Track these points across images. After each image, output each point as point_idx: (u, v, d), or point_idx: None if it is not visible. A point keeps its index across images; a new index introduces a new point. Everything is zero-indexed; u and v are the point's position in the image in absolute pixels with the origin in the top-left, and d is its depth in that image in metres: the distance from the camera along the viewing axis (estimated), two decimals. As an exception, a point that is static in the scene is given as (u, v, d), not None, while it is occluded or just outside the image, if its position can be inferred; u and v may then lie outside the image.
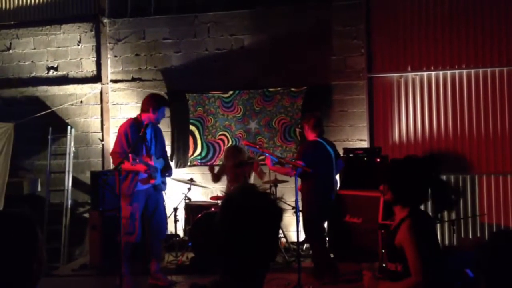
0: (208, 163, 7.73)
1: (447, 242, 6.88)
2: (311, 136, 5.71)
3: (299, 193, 5.65)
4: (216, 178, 6.94)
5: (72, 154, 7.87)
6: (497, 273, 1.68)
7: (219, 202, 6.33)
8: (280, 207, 1.69)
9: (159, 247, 5.59)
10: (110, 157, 5.82)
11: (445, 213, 7.04)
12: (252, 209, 1.60)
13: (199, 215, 6.25)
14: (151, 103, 5.30)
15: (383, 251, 3.00)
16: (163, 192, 5.56)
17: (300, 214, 5.52)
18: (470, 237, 6.86)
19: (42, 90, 8.31)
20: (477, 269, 1.82)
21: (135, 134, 5.16)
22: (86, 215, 7.71)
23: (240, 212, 1.60)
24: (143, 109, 5.36)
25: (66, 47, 8.28)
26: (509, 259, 1.67)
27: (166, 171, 5.54)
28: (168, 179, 5.71)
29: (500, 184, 6.96)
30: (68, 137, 7.89)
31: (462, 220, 6.95)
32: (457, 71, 7.14)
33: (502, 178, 6.96)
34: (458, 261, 4.39)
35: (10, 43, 8.47)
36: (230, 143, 7.69)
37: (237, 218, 1.59)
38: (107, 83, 8.08)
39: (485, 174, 7.01)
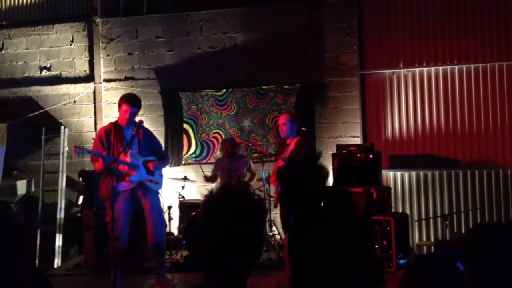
0: (203, 161, 7.75)
1: (440, 236, 6.92)
2: (294, 134, 5.73)
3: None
4: (211, 179, 6.97)
5: (65, 154, 7.86)
6: (477, 266, 1.70)
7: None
8: (263, 206, 1.69)
9: (157, 251, 5.29)
10: None
11: (438, 208, 7.09)
12: (234, 209, 1.59)
13: (193, 213, 6.27)
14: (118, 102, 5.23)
15: None
16: (157, 192, 5.32)
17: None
18: (463, 231, 6.90)
19: (35, 90, 8.30)
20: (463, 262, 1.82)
21: (108, 137, 5.09)
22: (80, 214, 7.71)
23: (221, 211, 1.59)
24: None
25: (58, 47, 8.26)
26: (487, 252, 1.68)
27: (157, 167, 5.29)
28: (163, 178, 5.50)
29: (492, 179, 6.99)
30: (62, 137, 7.88)
31: (455, 215, 6.99)
32: (449, 67, 7.17)
33: (494, 172, 7.00)
34: (451, 255, 4.41)
35: (3, 44, 8.44)
36: (224, 141, 7.71)
37: (219, 218, 1.59)
38: (100, 83, 8.07)
39: (477, 169, 7.04)
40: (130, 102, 5.13)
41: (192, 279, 5.45)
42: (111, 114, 7.99)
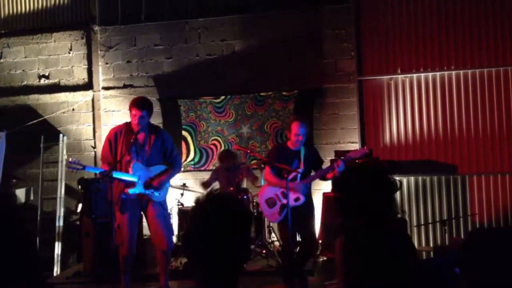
0: (202, 168, 7.76)
1: (439, 242, 6.92)
2: None
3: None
4: (206, 185, 6.95)
5: (64, 162, 7.84)
6: (474, 271, 1.70)
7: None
8: (247, 210, 1.73)
9: (162, 259, 5.19)
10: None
11: (437, 213, 7.09)
12: (218, 214, 1.64)
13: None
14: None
15: None
16: (160, 201, 5.14)
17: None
18: (462, 236, 6.91)
19: (34, 99, 8.31)
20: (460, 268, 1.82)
21: (117, 140, 5.01)
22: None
23: (207, 217, 1.64)
24: None
25: (57, 55, 8.28)
26: (484, 257, 1.69)
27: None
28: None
29: (491, 184, 7.01)
30: (60, 145, 7.87)
31: (453, 220, 7.00)
32: (446, 73, 7.21)
33: (492, 177, 7.01)
34: (450, 260, 4.41)
35: (1, 52, 8.47)
36: (222, 148, 7.71)
37: (204, 224, 1.64)
38: (99, 91, 8.09)
39: (475, 174, 7.06)
40: (139, 106, 4.93)
41: (191, 286, 5.43)
42: (109, 122, 8.01)
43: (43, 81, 8.33)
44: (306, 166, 5.25)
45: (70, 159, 5.11)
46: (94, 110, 8.12)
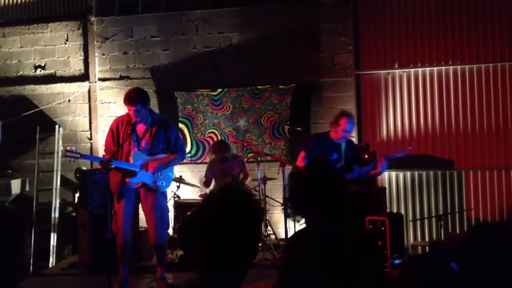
0: (198, 161, 7.75)
1: (434, 237, 6.95)
2: None
3: None
4: (207, 183, 6.96)
5: (60, 153, 7.82)
6: (473, 266, 1.70)
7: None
8: (259, 205, 1.72)
9: (158, 252, 5.18)
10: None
11: (433, 208, 7.12)
12: (232, 207, 1.62)
13: (189, 213, 6.26)
14: None
15: None
16: (163, 192, 5.17)
17: None
18: (458, 232, 6.94)
19: (30, 89, 8.27)
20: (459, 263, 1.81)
21: (118, 130, 5.02)
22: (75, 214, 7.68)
23: (220, 210, 1.62)
24: None
25: (53, 46, 8.23)
26: (484, 252, 1.69)
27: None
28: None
29: (487, 179, 7.03)
30: (56, 136, 7.85)
31: (449, 215, 7.02)
32: (443, 68, 7.20)
33: (488, 173, 7.03)
34: (445, 255, 4.43)
35: (-3, 42, 8.41)
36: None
37: (217, 216, 1.62)
38: (95, 82, 8.05)
39: (471, 169, 7.08)
40: (130, 101, 4.89)
41: (187, 278, 5.44)
42: (105, 113, 7.99)
43: (39, 72, 8.28)
44: (345, 161, 5.22)
45: (67, 148, 5.09)
46: (90, 102, 8.09)
